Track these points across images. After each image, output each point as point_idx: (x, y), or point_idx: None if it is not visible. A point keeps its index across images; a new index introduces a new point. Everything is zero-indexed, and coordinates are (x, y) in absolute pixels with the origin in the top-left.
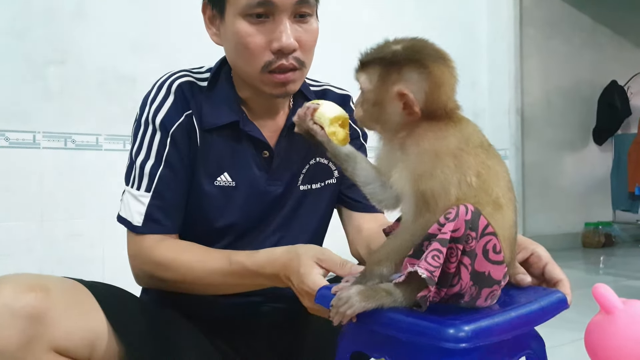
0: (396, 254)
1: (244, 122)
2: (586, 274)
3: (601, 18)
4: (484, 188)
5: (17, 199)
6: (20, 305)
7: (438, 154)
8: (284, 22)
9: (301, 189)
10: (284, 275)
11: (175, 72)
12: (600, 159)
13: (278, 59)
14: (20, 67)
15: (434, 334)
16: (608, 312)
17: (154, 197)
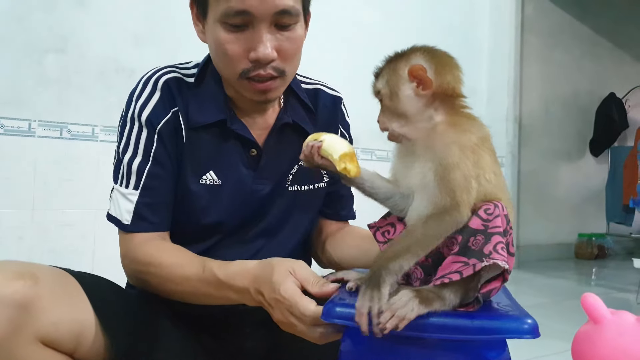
0: (419, 246)
1: (232, 120)
2: (578, 285)
3: (602, 30)
4: (500, 187)
5: (9, 186)
6: (8, 293)
7: (462, 147)
8: (261, 32)
9: (290, 190)
10: (255, 289)
11: (161, 68)
12: (596, 170)
13: (255, 68)
14: (18, 53)
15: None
16: (596, 322)
17: (142, 194)
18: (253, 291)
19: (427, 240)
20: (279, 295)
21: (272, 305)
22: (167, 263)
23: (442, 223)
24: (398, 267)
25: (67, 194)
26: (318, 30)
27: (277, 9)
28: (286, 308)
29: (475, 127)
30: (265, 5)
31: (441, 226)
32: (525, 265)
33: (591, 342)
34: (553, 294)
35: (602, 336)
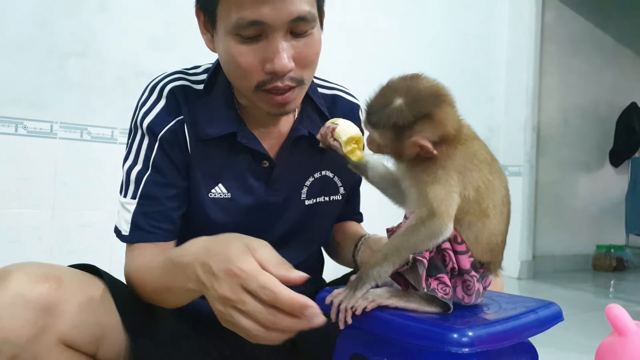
0: (395, 255)
1: (242, 133)
2: (595, 297)
3: (624, 39)
4: (478, 200)
5: (31, 187)
6: (33, 295)
7: (444, 167)
8: (277, 42)
9: (306, 204)
10: (201, 262)
11: (168, 74)
12: (615, 181)
13: (272, 80)
14: (41, 57)
15: (439, 338)
16: (621, 334)
17: (139, 203)
18: (199, 265)
19: (402, 249)
20: (234, 267)
21: (220, 277)
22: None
23: (418, 233)
24: (376, 274)
25: (86, 195)
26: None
27: (293, 16)
28: (240, 282)
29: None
30: (280, 14)
31: (417, 236)
32: (542, 276)
33: (615, 354)
34: (570, 306)
35: (627, 348)
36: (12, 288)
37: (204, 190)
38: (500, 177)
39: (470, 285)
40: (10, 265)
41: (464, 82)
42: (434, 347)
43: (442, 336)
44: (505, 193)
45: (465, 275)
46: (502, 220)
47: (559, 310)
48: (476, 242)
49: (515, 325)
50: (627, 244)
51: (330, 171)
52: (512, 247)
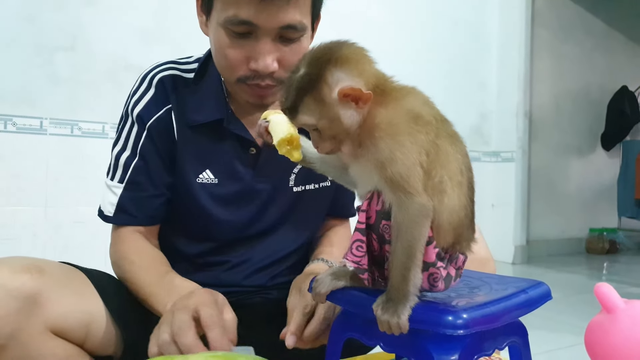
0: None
1: (229, 119)
2: (589, 280)
3: (614, 23)
4: (429, 169)
5: (23, 184)
6: (15, 286)
7: (392, 136)
8: (264, 44)
9: (294, 191)
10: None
11: (160, 64)
12: (607, 164)
13: (254, 77)
14: (29, 52)
15: (434, 321)
16: (609, 312)
17: (126, 188)
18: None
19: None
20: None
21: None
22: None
23: (409, 223)
24: (413, 289)
25: (78, 190)
26: (326, 27)
27: (283, 23)
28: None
29: (403, 105)
30: (271, 20)
31: (411, 226)
32: (536, 261)
33: (604, 332)
34: (564, 289)
35: (616, 325)
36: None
37: (192, 175)
38: (452, 141)
39: (437, 276)
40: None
41: (455, 69)
42: (429, 329)
43: (438, 319)
44: (462, 160)
45: (430, 269)
46: (462, 192)
47: (547, 290)
48: (435, 225)
49: (508, 306)
50: (619, 227)
51: None
52: (505, 233)
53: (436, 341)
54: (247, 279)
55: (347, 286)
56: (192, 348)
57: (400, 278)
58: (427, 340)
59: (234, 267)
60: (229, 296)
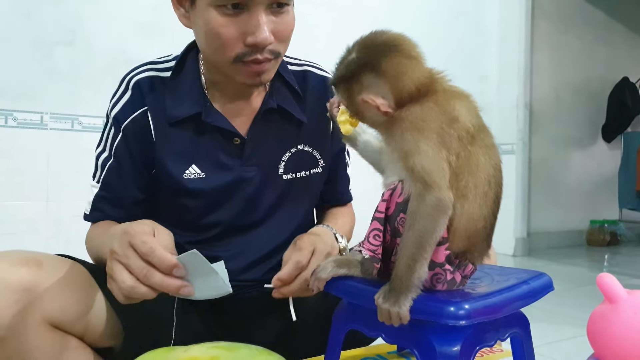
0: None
1: (207, 112)
2: (590, 272)
3: (615, 14)
4: (457, 172)
5: (24, 178)
6: (14, 278)
7: (420, 130)
8: (259, 15)
9: (284, 178)
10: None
11: (139, 66)
12: (608, 156)
13: (252, 52)
14: (28, 47)
15: (436, 311)
16: (612, 302)
17: (101, 188)
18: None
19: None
20: (129, 227)
21: (117, 238)
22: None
23: (424, 215)
24: (417, 281)
25: (79, 185)
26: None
27: None
28: (128, 239)
29: (441, 109)
30: None
31: (425, 219)
32: (537, 253)
33: (607, 322)
34: (565, 281)
35: (618, 316)
36: None
37: (178, 172)
38: (488, 152)
39: (442, 277)
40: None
41: (455, 61)
42: (431, 320)
43: (440, 309)
44: (493, 173)
45: (436, 269)
46: (485, 203)
47: (549, 280)
48: (452, 228)
49: (510, 297)
50: (620, 219)
51: (308, 145)
52: (506, 225)
53: (438, 332)
54: (242, 273)
55: (349, 275)
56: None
57: (406, 268)
58: (429, 331)
59: (227, 260)
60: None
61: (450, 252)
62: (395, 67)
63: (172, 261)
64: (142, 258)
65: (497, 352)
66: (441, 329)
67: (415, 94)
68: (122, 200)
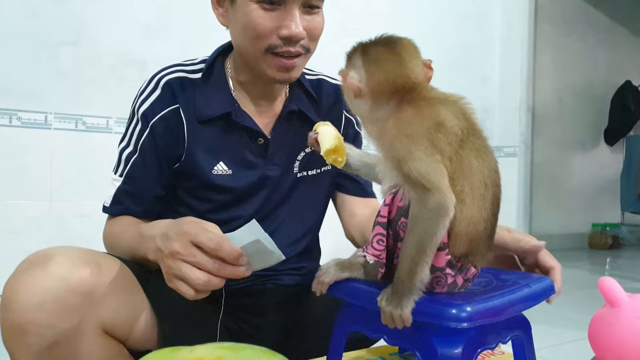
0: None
1: (236, 112)
2: (591, 275)
3: (618, 17)
4: (452, 177)
5: (27, 178)
6: (75, 281)
7: (409, 136)
8: (294, 12)
9: (298, 176)
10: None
11: (167, 67)
12: (610, 159)
13: (284, 45)
14: (33, 47)
15: (438, 313)
16: (613, 305)
17: (124, 182)
18: (159, 236)
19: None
20: (186, 227)
21: (173, 238)
22: (118, 231)
23: (425, 219)
24: (419, 284)
25: (83, 185)
26: (329, 21)
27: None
28: (189, 238)
29: (428, 114)
30: None
31: (426, 222)
32: None
33: (608, 325)
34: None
35: (619, 319)
36: (54, 273)
37: (208, 168)
38: (480, 155)
39: (442, 281)
40: (50, 249)
41: (458, 63)
42: (433, 322)
43: (442, 312)
44: (489, 174)
45: (437, 272)
46: (483, 206)
47: (551, 283)
48: (453, 233)
49: (511, 299)
50: (622, 222)
51: None
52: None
53: (440, 334)
54: None
55: (351, 278)
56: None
57: (407, 271)
58: (431, 333)
59: None
60: (239, 283)
61: (451, 256)
62: (376, 56)
63: (238, 252)
64: (209, 253)
65: (498, 355)
66: (443, 331)
67: (390, 92)
68: (143, 194)
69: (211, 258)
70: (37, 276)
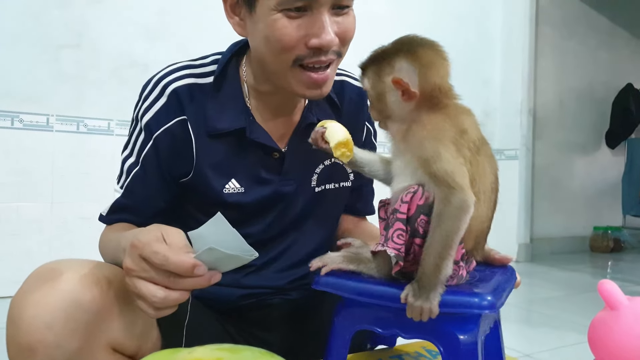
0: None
1: (251, 128)
2: (593, 278)
3: (619, 20)
4: (471, 179)
5: (29, 179)
6: (86, 300)
7: (438, 139)
8: (324, 17)
9: (316, 191)
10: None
11: (174, 70)
12: (612, 162)
13: (315, 55)
14: (35, 49)
15: (465, 303)
16: (613, 308)
17: (123, 194)
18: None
19: (449, 239)
20: (135, 240)
21: (127, 251)
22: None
23: (450, 215)
24: (443, 278)
25: (84, 187)
26: None
27: None
28: (138, 252)
29: (454, 122)
30: None
31: (451, 219)
32: (539, 259)
33: (608, 328)
34: (567, 287)
35: (619, 322)
36: (64, 291)
37: (218, 186)
38: (490, 162)
39: (456, 273)
40: (58, 263)
41: (459, 65)
42: (459, 312)
43: (468, 301)
44: (493, 179)
45: (453, 265)
46: (489, 206)
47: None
48: (467, 229)
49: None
50: (624, 225)
51: None
52: (509, 230)
53: (456, 323)
54: (266, 280)
55: (356, 271)
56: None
57: (433, 267)
58: (448, 323)
59: (254, 270)
60: (247, 298)
61: (464, 250)
62: (428, 58)
63: (190, 263)
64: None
65: None
66: (458, 320)
67: (434, 96)
68: (141, 209)
69: (164, 273)
70: (46, 294)
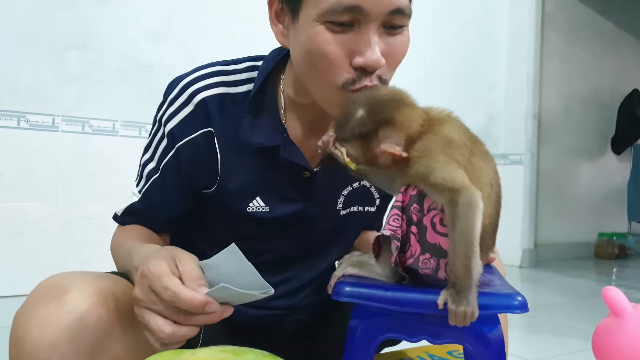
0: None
1: (285, 146)
2: (597, 285)
3: (625, 25)
4: (476, 177)
5: (34, 179)
6: (93, 320)
7: (427, 155)
8: (370, 34)
9: (341, 214)
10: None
11: (204, 76)
12: (617, 168)
13: (361, 77)
14: (41, 50)
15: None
16: (617, 315)
17: (140, 200)
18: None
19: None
20: (145, 269)
21: (137, 280)
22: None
23: (462, 215)
24: (476, 276)
25: (88, 187)
26: None
27: (392, 7)
28: (148, 283)
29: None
30: (380, 2)
31: (464, 218)
32: (544, 264)
33: (612, 335)
34: (572, 293)
35: (623, 329)
36: (70, 310)
37: (242, 204)
38: (485, 158)
39: None
40: (65, 279)
41: (464, 70)
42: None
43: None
44: (492, 175)
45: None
46: (490, 203)
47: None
48: None
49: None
50: (629, 232)
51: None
52: (513, 236)
53: (483, 324)
54: (280, 299)
55: (360, 275)
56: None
57: (463, 269)
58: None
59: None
60: (260, 318)
61: None
62: (405, 117)
63: (201, 301)
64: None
65: None
66: (482, 320)
67: (419, 133)
68: (154, 217)
69: (174, 308)
70: (51, 313)
